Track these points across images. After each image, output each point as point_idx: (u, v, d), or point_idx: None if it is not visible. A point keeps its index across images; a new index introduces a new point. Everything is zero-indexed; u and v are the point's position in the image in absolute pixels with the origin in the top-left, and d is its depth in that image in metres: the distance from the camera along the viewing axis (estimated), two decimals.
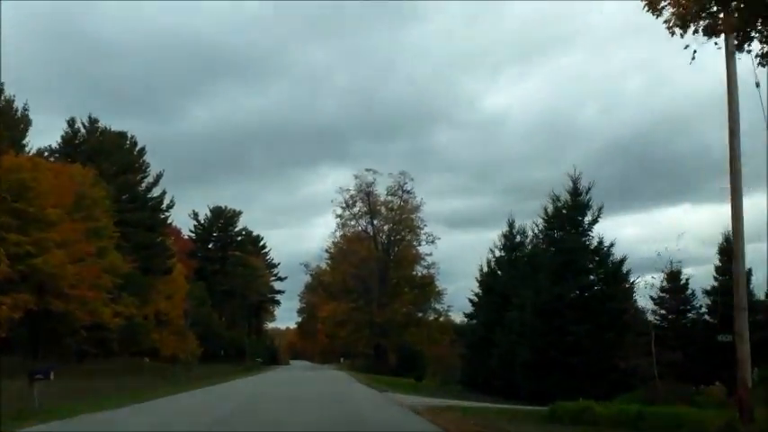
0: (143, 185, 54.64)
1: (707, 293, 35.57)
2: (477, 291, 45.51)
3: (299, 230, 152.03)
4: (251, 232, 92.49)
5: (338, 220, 73.48)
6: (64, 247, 33.61)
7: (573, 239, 30.31)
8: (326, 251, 77.94)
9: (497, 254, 43.02)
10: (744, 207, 13.16)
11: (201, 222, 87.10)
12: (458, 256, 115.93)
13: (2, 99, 41.02)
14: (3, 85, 40.77)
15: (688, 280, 34.92)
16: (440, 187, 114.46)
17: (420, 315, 72.80)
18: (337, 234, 75.24)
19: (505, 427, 14.58)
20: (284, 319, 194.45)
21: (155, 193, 55.36)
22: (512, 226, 41.87)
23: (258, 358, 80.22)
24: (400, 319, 69.15)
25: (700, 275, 35.07)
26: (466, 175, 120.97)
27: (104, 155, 49.17)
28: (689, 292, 35.61)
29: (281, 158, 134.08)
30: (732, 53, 11.85)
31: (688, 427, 12.54)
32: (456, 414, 16.96)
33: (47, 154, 47.21)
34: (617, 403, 18.25)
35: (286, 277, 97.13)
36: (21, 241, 31.48)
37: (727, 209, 13.21)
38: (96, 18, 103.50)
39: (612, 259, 30.37)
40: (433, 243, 71.19)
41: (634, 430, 13.35)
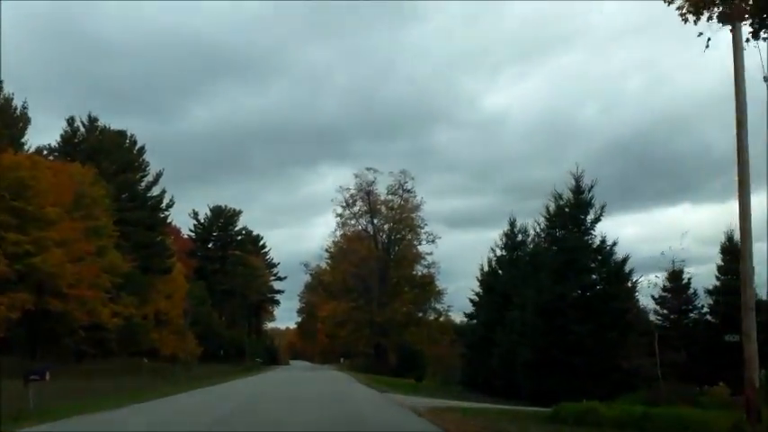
0: (143, 184, 54.51)
1: (709, 293, 35.42)
2: (478, 290, 45.34)
3: (298, 230, 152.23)
4: (251, 232, 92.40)
5: (338, 219, 73.25)
6: (63, 247, 33.47)
7: (575, 238, 30.07)
8: (326, 250, 77.69)
9: (498, 253, 42.85)
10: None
11: (201, 222, 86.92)
12: (458, 255, 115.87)
13: (1, 97, 40.86)
14: (2, 83, 40.69)
15: (690, 279, 34.80)
16: (440, 187, 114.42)
17: (420, 315, 72.47)
18: (337, 233, 75.02)
19: (509, 428, 14.38)
20: (284, 318, 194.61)
21: (154, 192, 55.30)
22: (513, 225, 41.69)
23: (258, 358, 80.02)
24: (400, 318, 68.81)
25: (700, 275, 34.98)
26: (466, 175, 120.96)
27: (104, 153, 49.03)
28: (691, 291, 35.51)
29: (281, 158, 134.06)
30: (740, 42, 11.63)
31: (694, 429, 12.35)
32: (458, 415, 16.75)
33: (46, 152, 47.05)
34: (620, 404, 18.05)
35: (286, 277, 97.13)
36: (19, 240, 31.36)
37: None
38: (96, 17, 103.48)
39: (615, 258, 30.14)
40: (433, 242, 70.96)
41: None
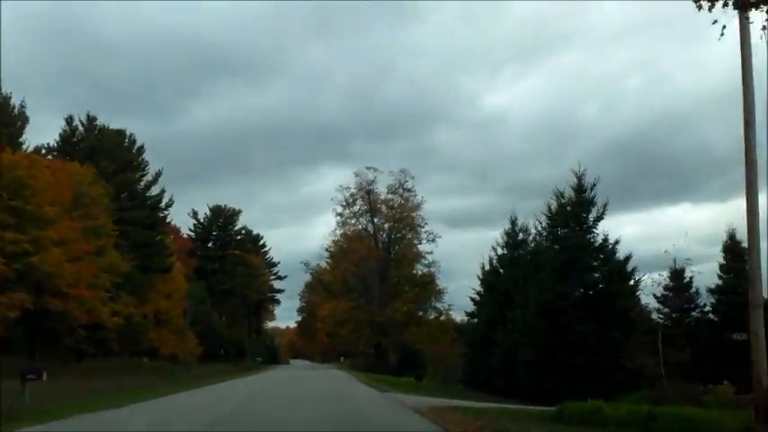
0: (142, 184, 54.30)
1: (711, 292, 35.28)
2: (479, 289, 45.17)
3: (299, 229, 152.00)
4: (251, 231, 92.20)
5: (338, 218, 73.12)
6: (62, 246, 33.33)
7: (577, 237, 29.88)
8: (326, 250, 77.56)
9: (500, 252, 42.64)
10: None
11: (201, 221, 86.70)
12: (458, 255, 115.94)
13: None
14: (0, 82, 40.57)
15: (692, 278, 34.64)
16: (440, 186, 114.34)
17: (420, 314, 72.30)
18: (337, 232, 74.87)
19: (512, 427, 14.21)
20: (284, 318, 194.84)
21: (154, 191, 55.11)
22: (514, 223, 41.46)
23: (258, 357, 79.93)
24: (401, 317, 68.63)
25: (701, 274, 34.77)
26: (466, 175, 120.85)
27: (103, 153, 48.85)
28: (693, 290, 35.36)
29: (281, 158, 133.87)
30: (748, 37, 11.40)
31: (702, 429, 12.16)
32: (461, 415, 16.57)
33: (44, 152, 46.90)
34: (623, 403, 17.87)
35: (286, 276, 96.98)
36: (18, 239, 31.19)
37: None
38: (96, 17, 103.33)
39: (617, 257, 29.94)
40: (433, 241, 70.79)
41: None
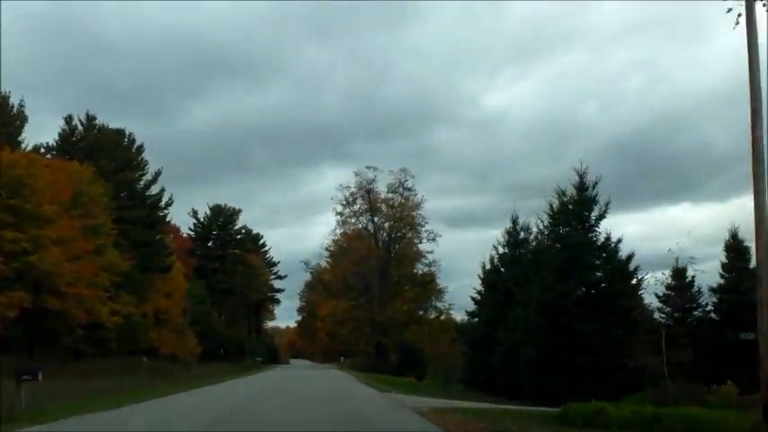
0: (141, 183, 54.17)
1: (713, 291, 35.09)
2: (480, 288, 44.95)
3: (299, 229, 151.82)
4: (251, 231, 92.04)
5: (338, 217, 73.03)
6: (61, 245, 33.21)
7: (579, 235, 29.65)
8: (327, 249, 77.45)
9: (501, 250, 42.42)
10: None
11: (201, 220, 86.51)
12: (458, 254, 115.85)
13: None
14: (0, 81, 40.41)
15: (694, 277, 34.46)
16: (440, 186, 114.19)
17: (421, 313, 72.19)
18: (337, 232, 74.76)
19: (514, 429, 14.04)
20: (284, 317, 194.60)
21: (153, 190, 54.98)
22: (515, 222, 41.24)
23: (258, 357, 79.80)
24: (401, 317, 68.46)
25: (701, 273, 34.59)
26: (466, 174, 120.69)
27: (102, 152, 48.70)
28: (695, 289, 35.17)
29: (281, 157, 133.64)
30: (755, 22, 11.14)
31: (708, 430, 11.99)
32: (461, 416, 16.39)
33: (43, 151, 46.76)
34: (626, 404, 17.73)
35: (286, 276, 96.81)
36: (16, 238, 31.07)
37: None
38: (96, 17, 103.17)
39: (619, 256, 29.74)
40: (434, 240, 70.66)
41: None
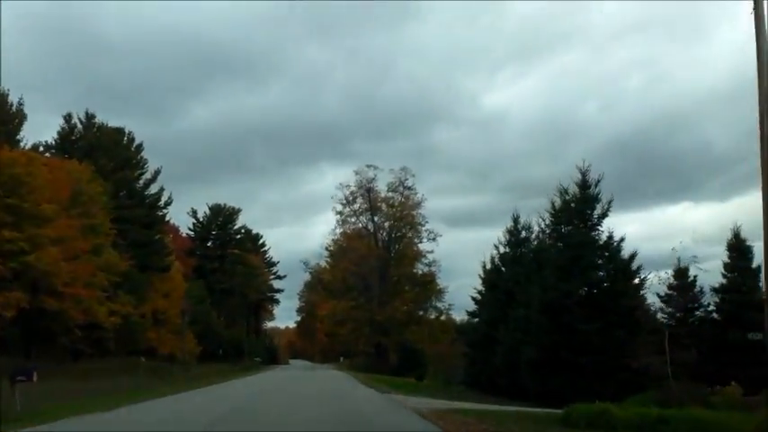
0: (141, 182, 53.92)
1: (715, 291, 34.88)
2: (480, 288, 44.69)
3: (298, 229, 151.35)
4: (250, 230, 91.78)
5: (338, 216, 72.80)
6: (59, 244, 32.96)
7: (581, 234, 29.40)
8: (326, 249, 77.22)
9: (501, 250, 42.16)
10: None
11: (200, 220, 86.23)
12: (458, 254, 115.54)
13: None
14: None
15: (696, 277, 34.25)
16: (440, 185, 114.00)
17: (421, 313, 71.95)
18: (337, 231, 74.53)
19: (516, 431, 13.83)
20: (284, 318, 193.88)
21: (153, 189, 54.73)
22: (516, 221, 40.96)
23: (257, 357, 79.59)
24: (401, 317, 68.23)
25: (702, 273, 34.39)
26: (466, 174, 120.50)
27: (101, 151, 48.45)
28: (697, 289, 34.96)
29: (281, 157, 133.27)
30: (763, 25, 10.99)
31: None
32: (464, 417, 16.18)
33: (42, 149, 46.51)
34: (630, 405, 17.54)
35: (285, 276, 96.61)
36: (14, 237, 30.79)
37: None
38: (96, 16, 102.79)
39: (621, 255, 29.49)
40: (434, 240, 70.46)
41: None
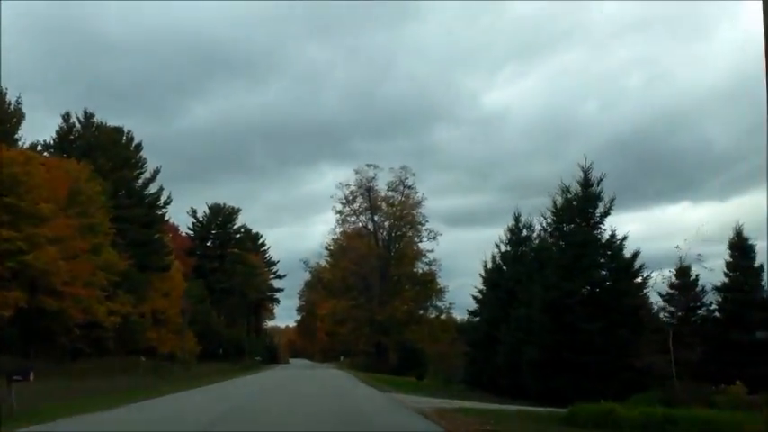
0: (140, 181, 53.76)
1: (717, 290, 34.72)
2: (481, 287, 44.53)
3: (298, 228, 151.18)
4: (250, 230, 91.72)
5: (338, 216, 72.72)
6: (57, 244, 32.80)
7: (583, 233, 29.18)
8: (326, 248, 77.11)
9: (502, 249, 41.98)
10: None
11: (200, 220, 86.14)
12: (458, 253, 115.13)
13: None
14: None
15: (698, 276, 34.08)
16: (440, 185, 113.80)
17: (421, 312, 71.87)
18: (337, 230, 74.47)
19: (517, 431, 13.67)
20: (284, 317, 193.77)
21: (152, 189, 54.60)
22: (518, 220, 40.78)
23: (257, 357, 79.51)
24: (401, 316, 68.09)
25: (702, 272, 34.21)
26: (466, 173, 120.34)
27: (100, 150, 48.30)
28: (698, 288, 34.80)
29: (281, 156, 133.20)
30: None
31: None
32: (465, 416, 16.01)
33: (40, 149, 46.35)
34: (633, 404, 17.35)
35: (285, 275, 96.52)
36: (12, 237, 30.67)
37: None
38: (96, 15, 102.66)
39: (624, 254, 29.29)
40: (434, 239, 70.40)
41: None
